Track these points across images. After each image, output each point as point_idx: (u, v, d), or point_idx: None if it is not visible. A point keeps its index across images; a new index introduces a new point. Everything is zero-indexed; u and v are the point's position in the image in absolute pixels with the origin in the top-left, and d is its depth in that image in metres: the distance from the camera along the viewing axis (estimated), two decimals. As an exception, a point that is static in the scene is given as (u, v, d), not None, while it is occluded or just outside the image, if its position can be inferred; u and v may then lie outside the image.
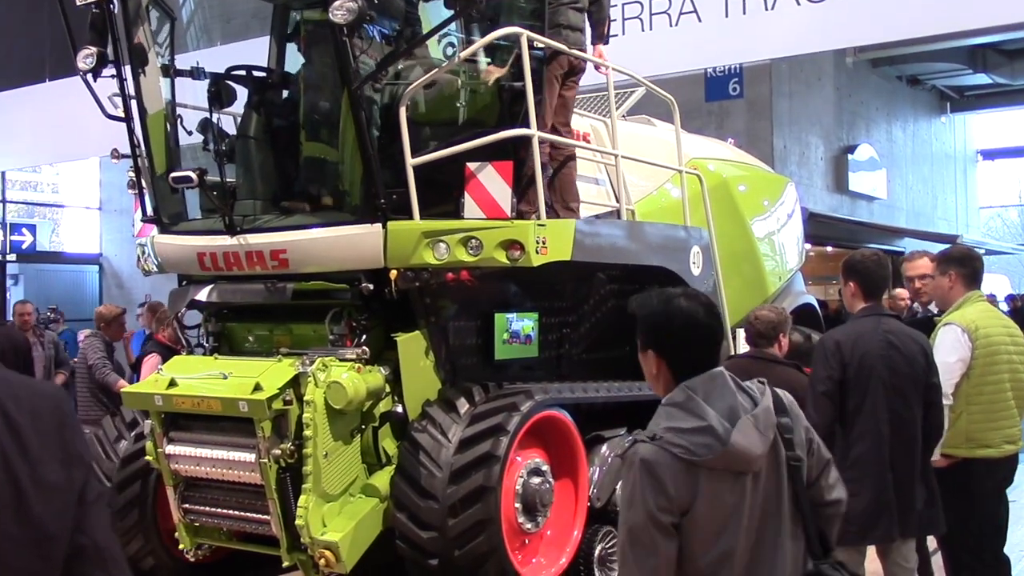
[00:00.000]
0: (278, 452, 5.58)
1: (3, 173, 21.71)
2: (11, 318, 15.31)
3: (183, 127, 6.76)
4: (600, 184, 7.43)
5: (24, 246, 22.29)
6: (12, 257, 22.10)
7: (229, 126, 6.76)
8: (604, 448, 6.56)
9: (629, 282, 7.65)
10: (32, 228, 23.11)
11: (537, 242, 5.67)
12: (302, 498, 5.51)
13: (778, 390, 2.71)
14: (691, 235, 7.50)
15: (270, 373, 5.74)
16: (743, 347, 6.88)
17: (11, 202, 23.23)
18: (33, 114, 17.64)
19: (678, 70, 12.22)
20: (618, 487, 6.60)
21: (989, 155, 29.13)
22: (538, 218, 5.76)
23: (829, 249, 21.39)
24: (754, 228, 8.96)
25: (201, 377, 5.94)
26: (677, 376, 2.62)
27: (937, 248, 8.07)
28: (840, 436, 4.50)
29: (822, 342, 4.70)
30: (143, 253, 6.92)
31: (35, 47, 17.95)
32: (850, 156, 19.52)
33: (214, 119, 6.43)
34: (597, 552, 6.24)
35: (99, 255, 22.30)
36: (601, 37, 6.76)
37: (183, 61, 6.83)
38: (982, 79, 23.32)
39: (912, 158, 23.35)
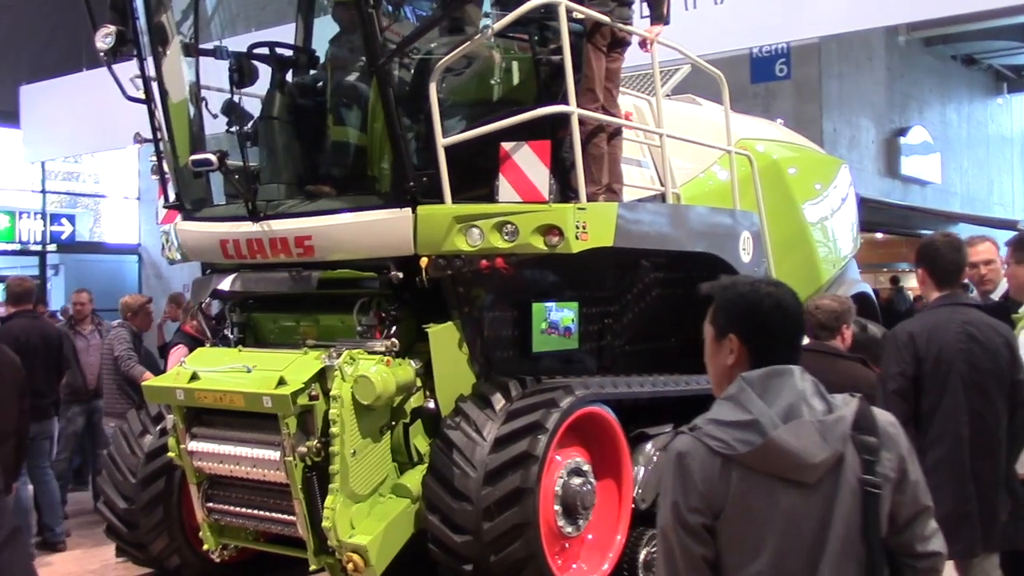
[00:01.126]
0: (304, 450, 5.30)
1: (43, 163, 21.68)
2: (66, 306, 15.22)
3: (207, 110, 6.47)
4: (643, 167, 7.03)
5: (64, 236, 22.31)
6: (52, 247, 22.12)
7: (255, 109, 6.47)
8: (649, 446, 6.19)
9: (675, 270, 7.27)
10: (72, 218, 23.12)
11: (577, 227, 5.32)
12: (329, 498, 5.22)
13: (879, 411, 2.38)
14: (741, 220, 7.09)
15: (295, 366, 5.45)
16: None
17: (51, 192, 23.27)
18: (71, 104, 17.62)
19: (722, 50, 11.76)
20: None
21: (1046, 138, 28.14)
22: (578, 200, 5.40)
23: (879, 236, 20.80)
24: (806, 213, 8.52)
25: (224, 370, 5.66)
26: (756, 364, 2.34)
27: (994, 234, 7.56)
28: (914, 439, 4.07)
29: (894, 335, 4.26)
30: (167, 241, 6.66)
31: (72, 36, 17.88)
32: (902, 139, 18.89)
33: (237, 100, 6.13)
34: (642, 557, 5.88)
35: (138, 245, 22.26)
36: (660, 18, 6.30)
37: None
38: (1041, 58, 22.52)
39: (967, 141, 22.60)
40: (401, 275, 5.52)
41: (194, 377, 5.65)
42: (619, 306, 6.95)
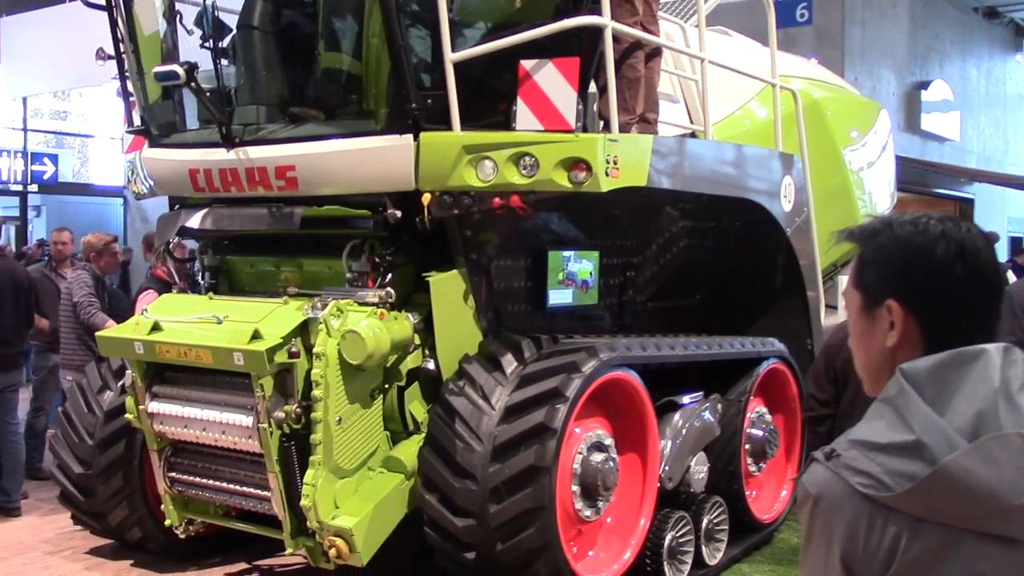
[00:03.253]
0: (281, 415, 4.57)
1: (24, 100, 20.75)
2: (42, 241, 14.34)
3: (181, 24, 5.60)
4: (674, 102, 6.23)
5: (46, 176, 21.43)
6: (34, 188, 21.28)
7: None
8: (677, 416, 5.46)
9: (704, 218, 6.52)
10: (54, 158, 22.21)
11: (607, 162, 4.52)
12: (309, 472, 4.50)
13: None
14: (783, 163, 6.28)
15: (273, 318, 4.69)
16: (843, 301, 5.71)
17: (33, 131, 22.35)
18: (53, 37, 16.71)
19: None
20: (692, 462, 5.51)
21: (1063, 99, 27.29)
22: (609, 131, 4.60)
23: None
24: (847, 161, 7.71)
25: (191, 321, 4.88)
26: (933, 346, 1.50)
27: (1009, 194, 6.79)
28: None
29: (1009, 295, 3.48)
30: (133, 172, 5.84)
31: (55, -36, 16.91)
32: (923, 93, 18.10)
33: (212, 8, 5.27)
34: (667, 542, 5.16)
35: (124, 187, 21.36)
36: None
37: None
38: (1070, 10, 21.61)
39: (985, 98, 21.79)
40: (399, 214, 4.76)
41: (155, 328, 4.87)
42: (642, 258, 6.22)
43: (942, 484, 1.32)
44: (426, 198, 4.66)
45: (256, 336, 4.53)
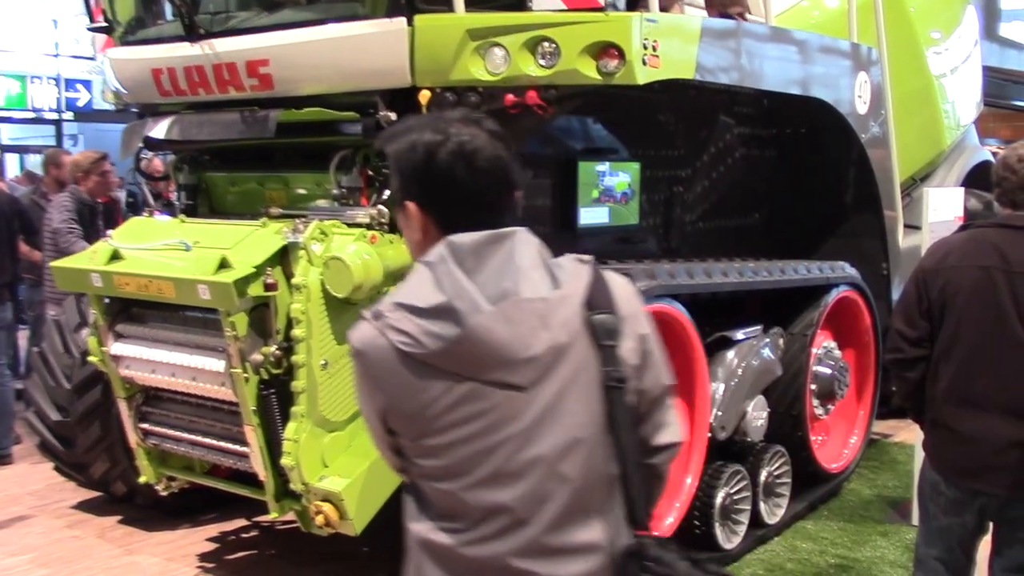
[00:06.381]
0: (258, 358, 3.87)
1: (55, 22, 20.22)
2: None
3: None
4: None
5: (80, 103, 20.98)
6: (69, 115, 20.85)
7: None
8: (731, 355, 4.68)
9: (764, 124, 5.65)
10: (88, 84, 21.73)
11: (645, 47, 3.68)
12: (291, 426, 3.79)
13: (613, 275, 1.76)
14: (859, 57, 5.35)
15: (248, 244, 3.96)
16: (933, 215, 4.86)
17: (72, 56, 21.86)
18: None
19: None
20: (749, 407, 4.75)
21: None
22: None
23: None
24: (930, 62, 6.75)
25: (156, 248, 4.16)
26: (446, 233, 1.69)
27: None
28: None
29: None
30: (104, 80, 5.10)
31: None
32: (1002, -3, 16.85)
33: None
34: (719, 501, 4.44)
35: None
36: None
37: None
38: None
39: (1069, 2, 20.28)
40: (393, 116, 3.97)
41: (115, 256, 4.16)
42: (691, 170, 5.39)
43: (468, 341, 1.57)
44: (424, 96, 3.86)
45: (224, 265, 3.80)
